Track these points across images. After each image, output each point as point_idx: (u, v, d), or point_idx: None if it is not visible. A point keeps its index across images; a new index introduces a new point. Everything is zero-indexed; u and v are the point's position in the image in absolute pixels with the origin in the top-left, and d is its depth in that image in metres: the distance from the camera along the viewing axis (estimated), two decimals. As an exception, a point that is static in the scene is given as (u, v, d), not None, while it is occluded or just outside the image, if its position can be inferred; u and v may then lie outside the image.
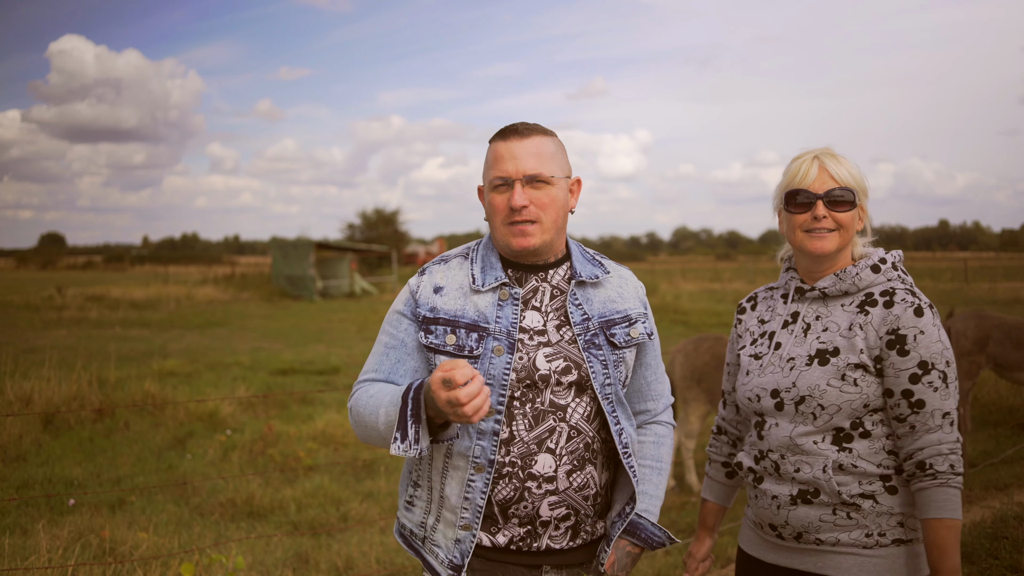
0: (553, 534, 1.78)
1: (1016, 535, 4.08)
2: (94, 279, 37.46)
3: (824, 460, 1.84)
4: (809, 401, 1.84)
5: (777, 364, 1.93)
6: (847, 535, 1.84)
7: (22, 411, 6.85)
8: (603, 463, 1.83)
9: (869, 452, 1.84)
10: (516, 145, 1.76)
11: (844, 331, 1.87)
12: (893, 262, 1.93)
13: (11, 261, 67.27)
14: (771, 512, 1.92)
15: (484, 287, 1.79)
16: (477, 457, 1.73)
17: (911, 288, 1.89)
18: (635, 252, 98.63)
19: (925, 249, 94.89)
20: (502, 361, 1.73)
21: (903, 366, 1.81)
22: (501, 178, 1.76)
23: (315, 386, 9.48)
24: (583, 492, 1.78)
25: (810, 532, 1.87)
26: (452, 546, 1.77)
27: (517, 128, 1.79)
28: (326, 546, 4.60)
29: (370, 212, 47.36)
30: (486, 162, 1.83)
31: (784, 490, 1.89)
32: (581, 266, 1.85)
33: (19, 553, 4.14)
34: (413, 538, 1.86)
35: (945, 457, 1.78)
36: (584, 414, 1.78)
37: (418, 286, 1.84)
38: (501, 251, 1.84)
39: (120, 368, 9.53)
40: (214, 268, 47.16)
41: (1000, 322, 6.56)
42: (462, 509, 1.75)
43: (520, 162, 1.75)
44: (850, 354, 1.84)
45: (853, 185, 1.89)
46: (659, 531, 1.88)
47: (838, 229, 1.89)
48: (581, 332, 1.79)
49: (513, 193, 1.74)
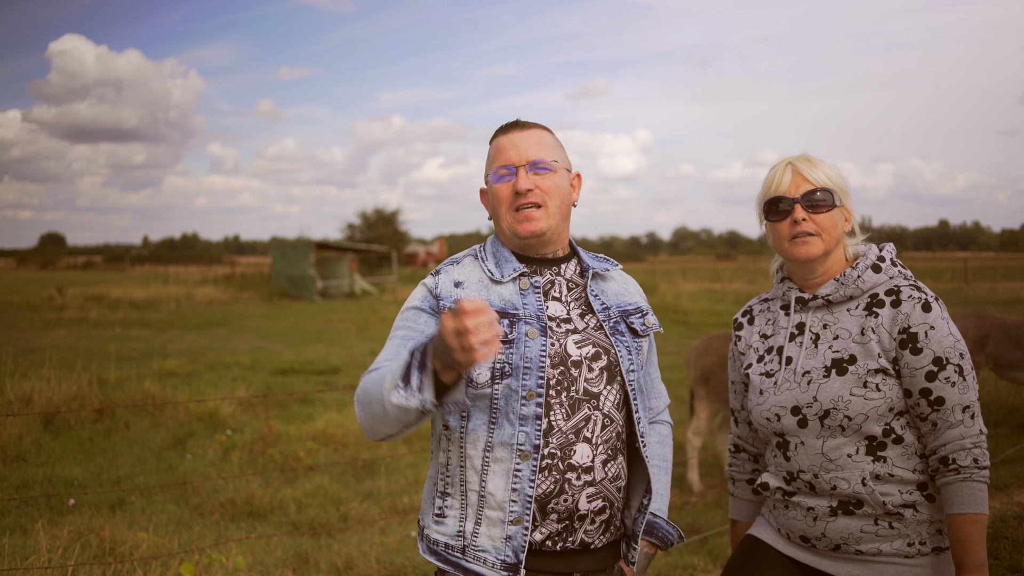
0: (588, 528, 1.75)
1: (1016, 535, 4.08)
2: (94, 279, 37.46)
3: (861, 472, 1.81)
4: (835, 414, 1.81)
5: (792, 380, 1.88)
6: (888, 545, 1.82)
7: (22, 411, 6.84)
8: (627, 455, 1.83)
9: (903, 458, 1.83)
10: (518, 136, 1.81)
11: (857, 337, 1.84)
12: (891, 258, 1.90)
13: (11, 261, 67.28)
14: (805, 524, 1.88)
15: (504, 278, 1.79)
16: (522, 444, 1.69)
17: (915, 283, 1.86)
18: (635, 252, 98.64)
19: (925, 249, 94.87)
20: (537, 344, 1.71)
21: (918, 364, 1.78)
22: (505, 167, 1.79)
23: (315, 386, 9.47)
24: (616, 483, 1.77)
25: (850, 544, 1.84)
26: (502, 545, 1.70)
27: (518, 121, 1.85)
28: (326, 546, 4.60)
29: (370, 212, 47.43)
30: (488, 158, 1.86)
31: (823, 503, 1.85)
32: (589, 260, 1.88)
33: (19, 553, 4.14)
34: (449, 551, 1.76)
35: (968, 451, 1.76)
36: (615, 402, 1.78)
37: (436, 284, 1.83)
38: (509, 243, 1.85)
39: (120, 368, 9.52)
40: (214, 268, 47.13)
41: (1000, 322, 6.55)
42: (510, 503, 1.69)
43: (522, 150, 1.79)
44: (868, 360, 1.81)
45: (830, 185, 1.87)
46: (673, 528, 1.89)
47: (820, 233, 1.87)
48: (605, 319, 1.81)
49: (518, 178, 1.77)
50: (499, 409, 1.72)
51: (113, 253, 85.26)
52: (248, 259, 75.21)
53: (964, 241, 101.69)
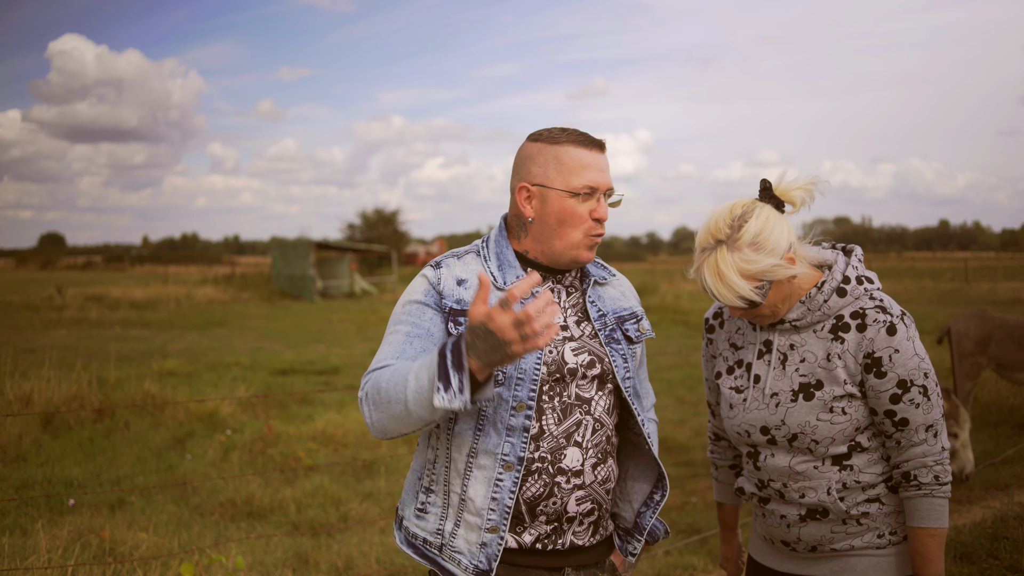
0: (577, 530, 1.78)
1: (1016, 535, 4.08)
2: (94, 279, 37.47)
3: (827, 482, 1.85)
4: (802, 438, 1.84)
5: (761, 400, 1.90)
6: (860, 539, 1.88)
7: (22, 411, 6.84)
8: (615, 456, 1.87)
9: (868, 464, 1.87)
10: (600, 158, 1.78)
11: (822, 362, 1.84)
12: (857, 275, 1.86)
13: (11, 261, 67.26)
14: (781, 530, 1.94)
15: (506, 285, 1.78)
16: (506, 455, 1.69)
17: (880, 303, 1.83)
18: (635, 252, 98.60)
19: (926, 249, 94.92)
20: (532, 355, 1.71)
21: (883, 388, 1.81)
22: (590, 187, 1.75)
23: (315, 386, 9.46)
24: (605, 485, 1.80)
25: (824, 544, 1.90)
26: (477, 551, 1.72)
27: (596, 140, 1.79)
28: (326, 546, 4.59)
29: (370, 212, 47.46)
30: (561, 164, 1.75)
31: (792, 511, 1.91)
32: (591, 267, 1.89)
33: (19, 553, 4.14)
34: (427, 547, 1.79)
35: (930, 469, 1.82)
36: (605, 407, 1.80)
37: (438, 278, 1.79)
38: (550, 257, 1.79)
39: (120, 368, 9.52)
40: (214, 268, 47.17)
41: (1002, 322, 6.55)
42: (489, 511, 1.71)
43: (606, 175, 1.78)
44: (834, 386, 1.83)
45: (743, 295, 1.75)
46: (660, 523, 1.94)
47: (771, 308, 1.82)
48: (601, 327, 1.82)
49: (600, 205, 1.76)
50: (487, 417, 1.72)
51: (113, 253, 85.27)
52: (248, 259, 75.26)
53: (964, 241, 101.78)
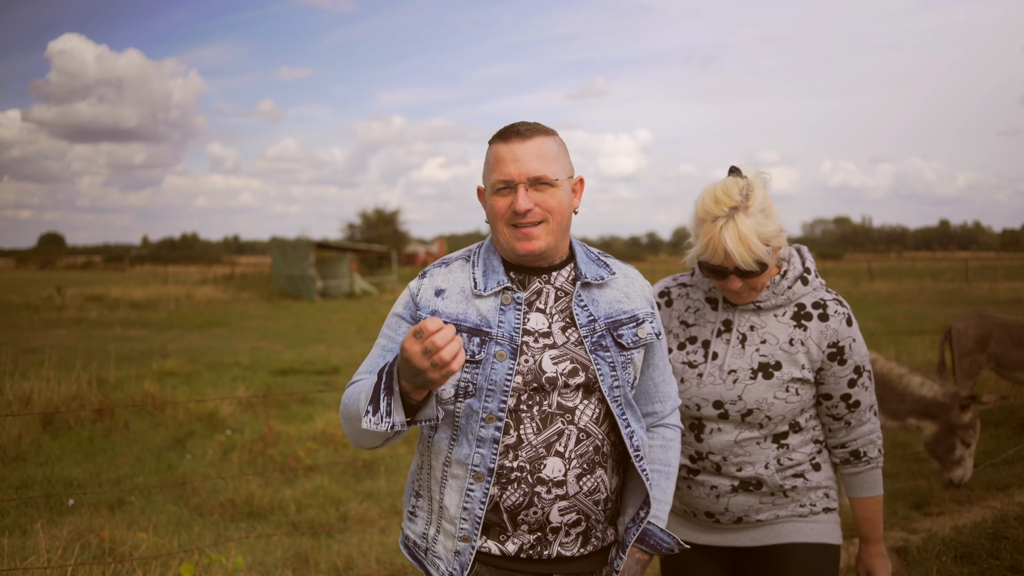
0: (564, 541, 1.72)
1: (1017, 535, 4.08)
2: (94, 279, 37.47)
3: (765, 458, 2.01)
4: (757, 413, 1.99)
5: (718, 376, 2.02)
6: (784, 510, 2.05)
7: (22, 411, 6.84)
8: (613, 467, 1.78)
9: (801, 444, 2.04)
10: (518, 147, 1.70)
11: (784, 345, 2.00)
12: (814, 268, 2.05)
13: (11, 261, 67.19)
14: (708, 501, 2.06)
15: (486, 291, 1.74)
16: (476, 465, 1.68)
17: (836, 297, 2.04)
18: (635, 252, 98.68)
19: (926, 249, 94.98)
20: (504, 367, 1.68)
21: (842, 374, 2.01)
22: (504, 181, 1.70)
23: (315, 386, 9.47)
24: (593, 496, 1.73)
25: (750, 515, 2.04)
26: (452, 558, 1.72)
27: (518, 129, 1.73)
28: (326, 546, 4.59)
29: (370, 212, 47.54)
30: (487, 163, 1.77)
31: (724, 482, 2.03)
32: (586, 267, 1.81)
33: (18, 553, 4.14)
34: (416, 549, 1.82)
35: (874, 444, 2.06)
36: (593, 416, 1.73)
37: (419, 289, 1.80)
38: (505, 255, 1.79)
39: (120, 368, 9.52)
40: (214, 268, 47.20)
41: (1002, 322, 6.55)
42: (461, 520, 1.71)
43: (523, 164, 1.69)
44: (793, 368, 1.99)
45: (760, 257, 1.90)
46: (668, 537, 1.83)
47: (757, 287, 1.99)
48: (588, 334, 1.74)
49: (517, 197, 1.69)
50: (460, 427, 1.72)
51: (113, 253, 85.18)
52: (248, 259, 75.31)
53: (965, 241, 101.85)
